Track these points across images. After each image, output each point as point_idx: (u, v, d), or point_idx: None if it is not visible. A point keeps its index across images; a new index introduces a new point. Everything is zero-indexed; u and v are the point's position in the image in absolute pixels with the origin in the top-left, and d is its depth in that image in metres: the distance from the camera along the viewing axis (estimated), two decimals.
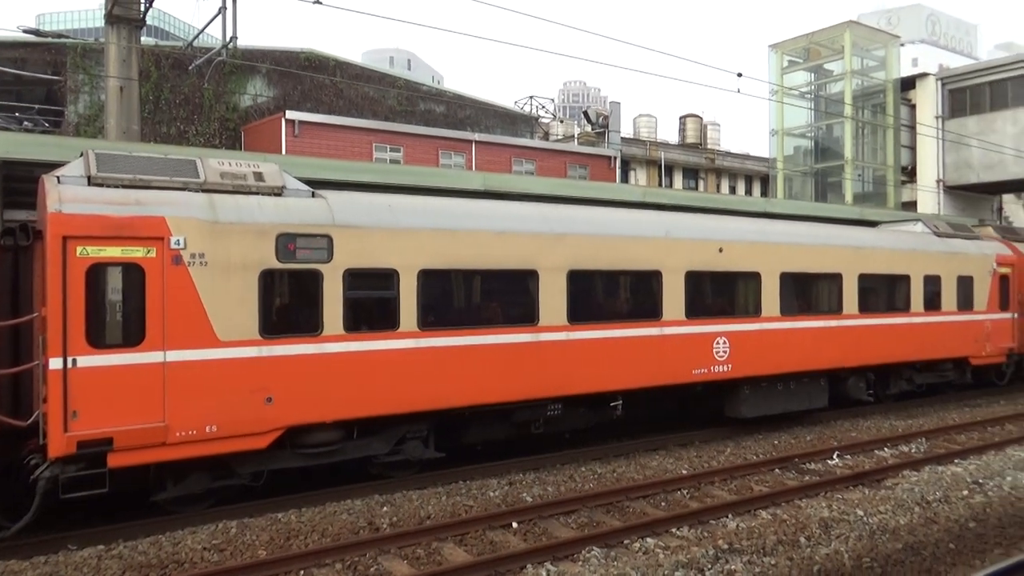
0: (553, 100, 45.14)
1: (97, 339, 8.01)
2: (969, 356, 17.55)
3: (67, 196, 8.02)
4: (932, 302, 16.60)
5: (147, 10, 15.53)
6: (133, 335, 8.19)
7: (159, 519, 8.81)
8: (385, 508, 9.33)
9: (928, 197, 32.72)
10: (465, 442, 11.00)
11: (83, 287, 7.92)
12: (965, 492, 10.00)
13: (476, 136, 30.45)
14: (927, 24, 38.99)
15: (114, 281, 8.18)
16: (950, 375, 17.55)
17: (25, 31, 21.74)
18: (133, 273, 8.22)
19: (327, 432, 9.47)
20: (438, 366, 10.00)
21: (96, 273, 8.04)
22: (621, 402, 11.95)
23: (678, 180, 41.91)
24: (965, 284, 17.40)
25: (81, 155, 8.71)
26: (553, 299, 11.01)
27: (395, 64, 78.14)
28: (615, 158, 34.53)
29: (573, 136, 40.30)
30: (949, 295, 16.99)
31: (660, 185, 39.39)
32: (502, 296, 10.80)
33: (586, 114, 41.90)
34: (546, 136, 39.66)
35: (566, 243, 11.20)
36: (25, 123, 25.64)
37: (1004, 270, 18.43)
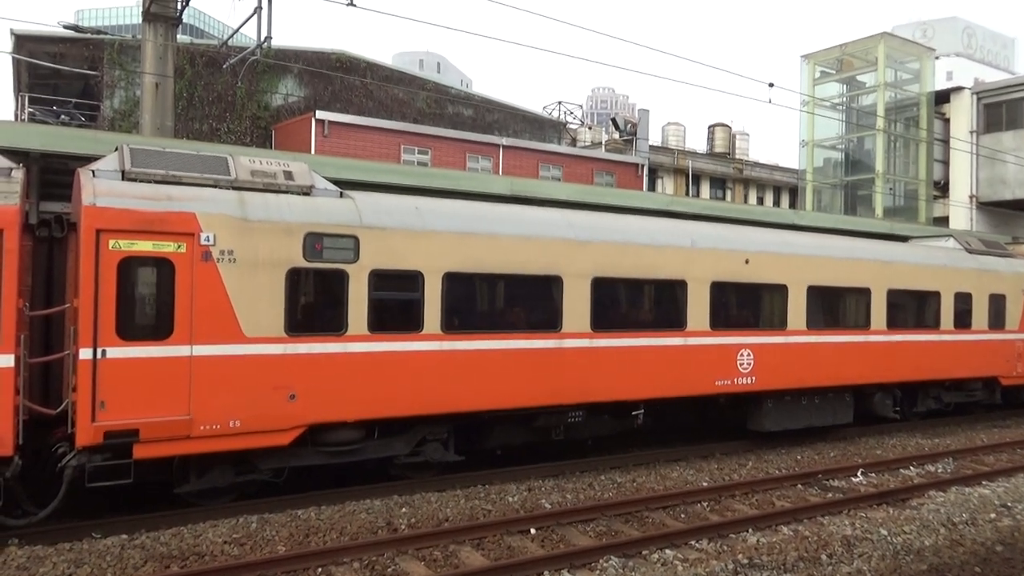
0: (581, 106, 45.11)
1: (126, 331, 8.13)
2: (999, 376, 17.22)
3: (101, 190, 8.16)
4: (962, 319, 16.32)
5: (183, 8, 15.80)
6: (161, 329, 8.32)
7: (181, 511, 8.91)
8: (404, 509, 9.36)
9: (960, 213, 32.18)
10: (485, 446, 11.00)
11: (114, 280, 8.06)
12: (993, 515, 9.80)
13: (503, 140, 30.49)
14: (963, 37, 38.36)
15: (145, 275, 8.32)
16: (979, 395, 17.24)
17: (65, 26, 22.19)
18: (163, 268, 8.34)
19: (348, 431, 9.52)
20: (460, 369, 10.02)
21: (127, 266, 8.17)
22: (643, 411, 11.88)
23: (705, 189, 41.65)
24: (997, 302, 17.10)
25: (116, 149, 8.86)
26: (577, 306, 10.98)
27: (425, 67, 78.48)
28: (642, 166, 34.38)
29: (601, 143, 40.23)
30: (980, 313, 16.69)
31: (687, 194, 39.18)
32: (526, 301, 10.80)
33: (614, 121, 41.82)
34: (573, 142, 39.61)
35: (591, 250, 11.17)
36: (62, 116, 26.14)
37: None
